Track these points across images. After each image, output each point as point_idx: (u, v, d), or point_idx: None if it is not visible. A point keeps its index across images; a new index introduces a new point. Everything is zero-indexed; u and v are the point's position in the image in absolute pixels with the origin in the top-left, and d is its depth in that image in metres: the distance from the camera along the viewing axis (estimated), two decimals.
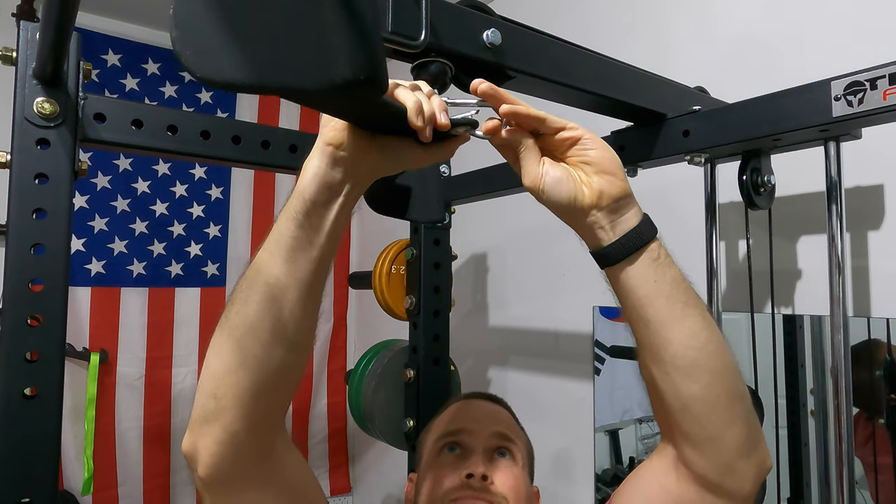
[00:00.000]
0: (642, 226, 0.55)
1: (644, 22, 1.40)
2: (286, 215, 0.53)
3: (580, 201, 0.54)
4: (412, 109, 0.49)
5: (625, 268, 0.55)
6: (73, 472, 1.86)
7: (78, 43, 0.78)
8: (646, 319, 0.54)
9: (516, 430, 0.88)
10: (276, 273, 0.52)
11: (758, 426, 0.56)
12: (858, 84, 0.69)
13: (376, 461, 2.39)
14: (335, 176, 0.52)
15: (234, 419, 0.53)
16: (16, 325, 0.73)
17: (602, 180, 0.54)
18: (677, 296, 0.54)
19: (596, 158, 0.54)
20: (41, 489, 0.73)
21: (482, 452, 0.80)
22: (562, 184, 0.54)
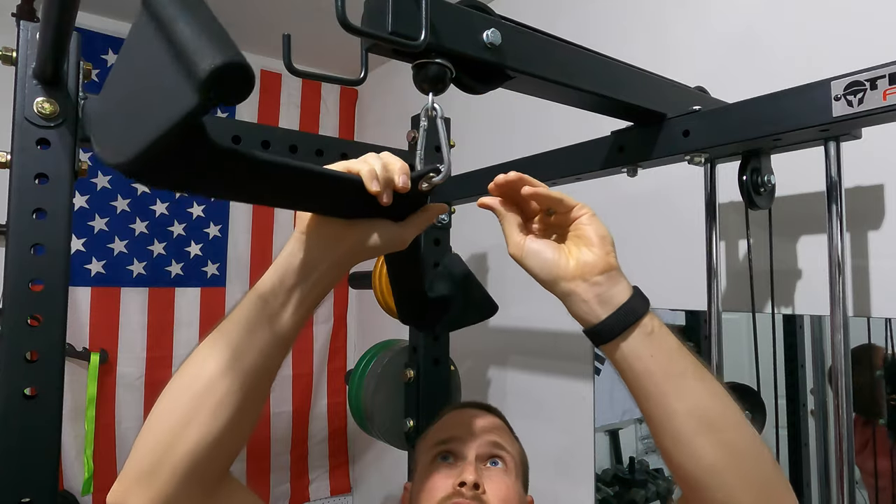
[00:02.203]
0: (632, 301, 0.55)
1: (644, 22, 1.40)
2: (254, 292, 0.55)
3: (562, 270, 0.56)
4: (366, 176, 0.51)
5: (619, 345, 0.54)
6: (73, 472, 1.86)
7: (78, 43, 0.78)
8: (646, 392, 0.54)
9: (509, 440, 0.88)
10: (235, 338, 0.54)
11: (778, 481, 0.54)
12: (858, 84, 0.69)
13: (376, 461, 2.39)
14: (307, 260, 0.55)
15: (174, 483, 0.52)
16: (16, 325, 0.73)
17: (589, 253, 0.56)
18: (676, 368, 0.53)
19: (587, 233, 0.56)
20: (41, 489, 0.73)
21: (474, 461, 0.81)
22: (543, 253, 0.57)
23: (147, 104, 0.37)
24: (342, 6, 0.48)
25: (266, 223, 2.35)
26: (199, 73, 0.33)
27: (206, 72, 0.33)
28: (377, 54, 0.58)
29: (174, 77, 0.35)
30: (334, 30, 0.50)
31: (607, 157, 0.97)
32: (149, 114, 0.37)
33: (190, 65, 0.34)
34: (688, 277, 1.22)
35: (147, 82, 0.37)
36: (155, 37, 0.36)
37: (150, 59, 0.37)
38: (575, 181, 1.08)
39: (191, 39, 0.34)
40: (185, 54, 0.34)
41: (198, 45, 0.34)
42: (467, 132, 1.73)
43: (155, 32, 0.36)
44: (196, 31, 0.35)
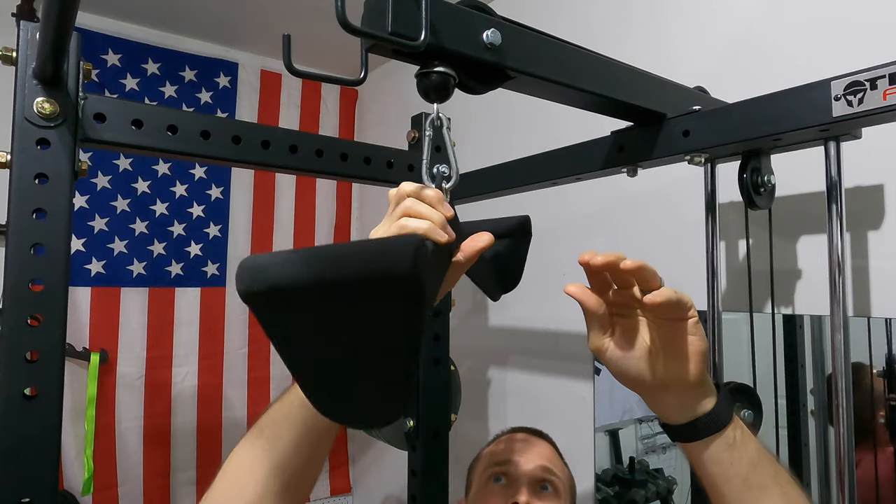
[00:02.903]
0: (716, 411, 0.52)
1: (644, 22, 1.40)
2: (289, 397, 0.56)
3: (647, 381, 0.52)
4: (428, 232, 0.49)
5: (698, 448, 0.52)
6: (73, 472, 1.86)
7: (78, 43, 0.78)
8: (720, 495, 0.52)
9: (559, 465, 0.94)
10: (275, 449, 0.55)
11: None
12: (858, 84, 0.69)
13: (376, 461, 2.39)
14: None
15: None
16: (16, 325, 0.73)
17: (682, 368, 0.51)
18: (754, 479, 0.51)
19: (687, 347, 0.51)
20: (41, 489, 0.73)
21: (527, 484, 0.87)
22: (626, 364, 0.53)
23: (369, 370, 0.39)
24: (342, 6, 0.48)
25: (266, 223, 2.35)
26: None
27: None
28: (377, 54, 0.58)
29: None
30: (334, 30, 0.50)
31: (607, 157, 0.97)
32: (380, 378, 0.39)
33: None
34: (688, 277, 1.22)
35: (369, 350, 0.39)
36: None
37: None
38: (575, 181, 1.09)
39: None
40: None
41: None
42: (467, 132, 1.73)
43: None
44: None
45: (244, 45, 2.30)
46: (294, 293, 0.36)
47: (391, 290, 0.35)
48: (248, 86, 2.33)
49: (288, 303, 0.37)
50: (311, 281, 0.36)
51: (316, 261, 0.36)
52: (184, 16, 2.06)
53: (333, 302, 0.36)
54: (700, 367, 0.51)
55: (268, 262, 0.37)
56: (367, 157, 1.14)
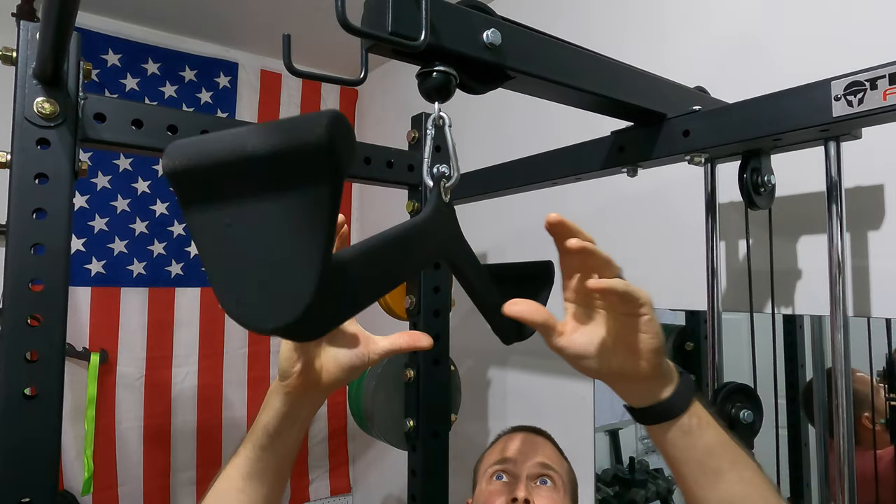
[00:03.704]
0: (671, 401, 0.54)
1: (644, 22, 1.40)
2: (251, 442, 0.58)
3: (602, 373, 0.54)
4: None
5: (656, 431, 0.55)
6: (73, 472, 1.86)
7: (78, 43, 0.78)
8: (680, 475, 0.55)
9: (558, 460, 0.97)
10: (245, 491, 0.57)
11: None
12: (858, 84, 0.69)
13: (376, 461, 2.39)
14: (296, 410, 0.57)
15: None
16: (16, 325, 0.73)
17: (636, 363, 0.52)
18: (710, 464, 0.53)
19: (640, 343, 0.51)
20: (41, 489, 0.73)
21: (526, 480, 0.91)
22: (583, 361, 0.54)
23: (276, 261, 0.37)
24: (342, 6, 0.48)
25: None
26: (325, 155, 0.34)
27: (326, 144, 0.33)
28: (377, 54, 0.58)
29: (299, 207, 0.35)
30: (334, 30, 0.50)
31: (607, 157, 0.97)
32: (285, 268, 0.36)
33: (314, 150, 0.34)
34: (688, 277, 1.22)
35: (264, 237, 0.37)
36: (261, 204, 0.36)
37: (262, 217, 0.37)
38: (575, 181, 1.09)
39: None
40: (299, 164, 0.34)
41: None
42: (467, 132, 1.73)
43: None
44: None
45: (244, 45, 2.30)
46: (211, 167, 0.36)
47: (305, 164, 0.35)
48: (248, 86, 2.34)
49: (206, 176, 0.37)
50: (228, 152, 0.36)
51: (234, 136, 0.36)
52: (184, 16, 2.06)
53: (249, 175, 0.36)
54: (652, 363, 0.52)
55: (191, 140, 0.38)
56: (367, 157, 1.14)
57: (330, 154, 0.34)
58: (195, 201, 0.38)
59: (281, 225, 0.36)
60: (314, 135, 0.34)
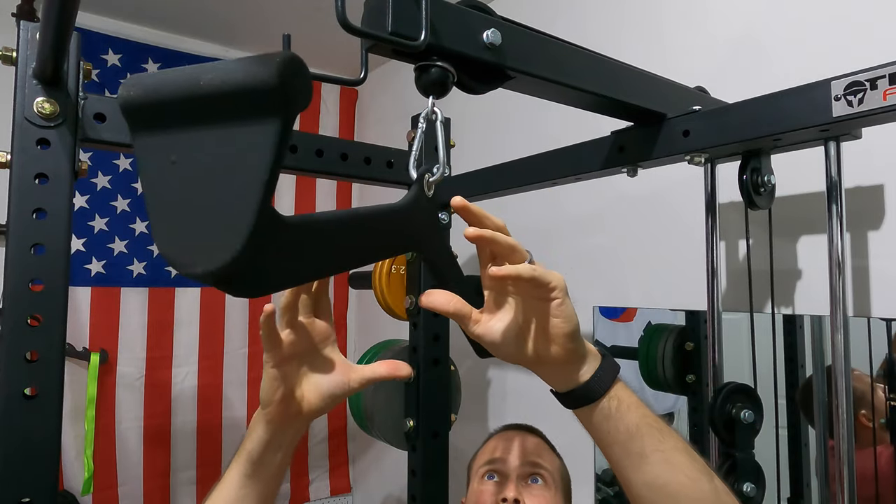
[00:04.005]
0: (589, 385, 0.54)
1: (644, 22, 1.40)
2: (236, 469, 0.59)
3: (521, 359, 0.54)
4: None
5: (579, 415, 0.56)
6: (73, 472, 1.86)
7: (78, 43, 0.78)
8: (607, 458, 0.56)
9: (549, 458, 0.98)
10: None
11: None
12: (858, 84, 0.69)
13: (376, 461, 2.39)
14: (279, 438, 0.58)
15: None
16: (16, 325, 0.73)
17: (550, 348, 0.52)
18: (632, 447, 0.54)
19: (553, 328, 0.51)
20: (41, 489, 0.73)
21: (516, 479, 0.92)
22: (500, 349, 0.54)
23: (214, 203, 0.36)
24: (342, 6, 0.48)
25: None
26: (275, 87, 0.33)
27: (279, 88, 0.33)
28: (377, 54, 0.58)
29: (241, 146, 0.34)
30: (334, 30, 0.50)
31: (607, 157, 0.97)
32: (222, 211, 0.35)
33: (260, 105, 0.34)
34: (688, 277, 1.22)
35: (205, 177, 0.36)
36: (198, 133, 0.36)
37: (199, 155, 0.36)
38: (575, 181, 1.08)
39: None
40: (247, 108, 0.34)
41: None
42: (466, 132, 1.73)
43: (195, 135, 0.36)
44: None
45: (244, 45, 2.30)
46: (166, 100, 0.36)
47: (255, 101, 0.34)
48: None
49: (159, 110, 0.37)
50: (182, 86, 0.35)
51: (191, 69, 0.36)
52: (184, 16, 2.06)
53: (201, 110, 0.36)
54: (566, 348, 0.52)
55: (151, 73, 0.38)
56: (367, 157, 1.14)
57: (280, 91, 0.34)
58: (145, 134, 0.38)
59: (224, 163, 0.35)
60: (267, 71, 0.33)
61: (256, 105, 0.34)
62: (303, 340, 0.58)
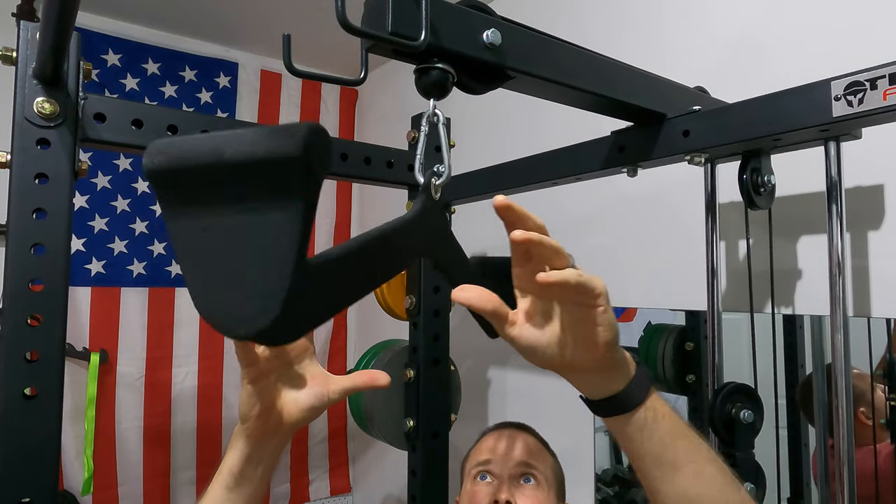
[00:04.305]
0: (624, 395, 0.52)
1: (644, 22, 1.40)
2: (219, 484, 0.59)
3: (554, 365, 0.52)
4: None
5: (611, 423, 0.54)
6: (73, 472, 1.86)
7: (78, 43, 0.78)
8: (638, 469, 0.54)
9: (542, 456, 0.97)
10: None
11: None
12: (858, 84, 0.69)
13: (376, 461, 2.39)
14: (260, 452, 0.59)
15: None
16: (16, 325, 0.73)
17: (587, 355, 0.50)
18: (665, 458, 0.52)
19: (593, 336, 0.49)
20: (41, 489, 0.73)
21: (508, 480, 0.92)
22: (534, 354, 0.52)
23: (247, 269, 0.37)
24: (342, 6, 0.48)
25: None
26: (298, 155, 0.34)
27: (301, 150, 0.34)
28: (377, 54, 0.58)
29: (273, 224, 0.36)
30: (334, 30, 0.50)
31: (607, 157, 0.97)
32: (256, 279, 0.37)
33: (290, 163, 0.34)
34: (688, 277, 1.22)
35: (238, 245, 0.37)
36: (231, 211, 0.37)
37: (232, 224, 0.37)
38: (575, 181, 1.09)
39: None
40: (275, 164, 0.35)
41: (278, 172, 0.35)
42: (467, 132, 1.73)
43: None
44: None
45: (244, 45, 2.30)
46: (190, 169, 0.37)
47: (280, 170, 0.35)
48: (248, 86, 2.34)
49: (185, 179, 0.37)
50: (206, 156, 0.36)
51: (213, 139, 0.37)
52: (184, 16, 2.06)
53: (226, 180, 0.36)
54: (606, 356, 0.50)
55: (174, 140, 0.38)
56: (367, 157, 1.14)
57: (304, 167, 0.35)
58: (173, 202, 0.39)
59: (255, 232, 0.37)
60: (290, 146, 0.34)
61: (282, 178, 0.35)
62: (280, 355, 0.59)
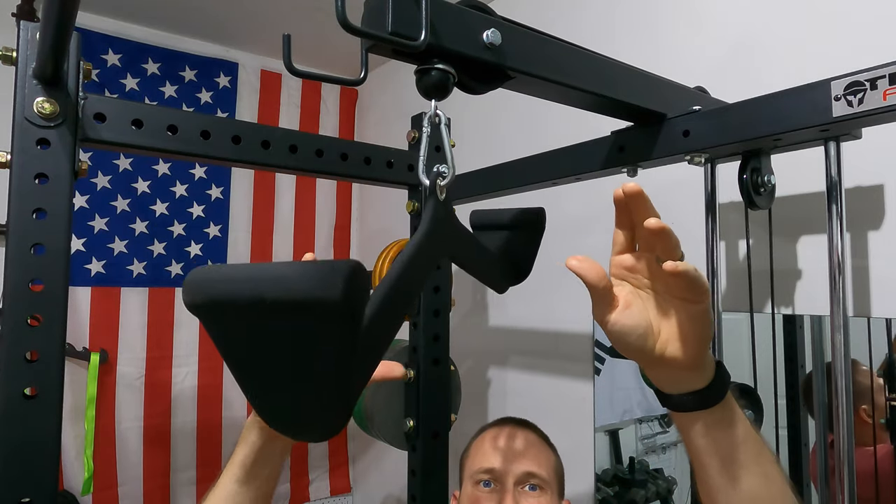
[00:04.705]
0: (708, 390, 0.53)
1: (644, 22, 1.40)
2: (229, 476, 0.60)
3: (645, 356, 0.52)
4: None
5: (685, 420, 0.54)
6: (73, 472, 1.86)
7: (78, 43, 0.78)
8: (703, 465, 0.54)
9: (545, 457, 0.97)
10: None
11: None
12: (858, 84, 0.69)
13: (376, 461, 2.39)
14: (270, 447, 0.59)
15: None
16: (16, 325, 0.73)
17: (680, 350, 0.51)
18: (737, 457, 0.52)
19: (690, 331, 0.50)
20: (41, 489, 0.73)
21: (512, 488, 0.91)
22: (628, 338, 0.52)
23: (311, 387, 0.40)
24: (342, 6, 0.48)
25: (266, 223, 2.34)
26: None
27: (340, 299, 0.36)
28: (377, 54, 0.58)
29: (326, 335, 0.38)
30: (334, 30, 0.50)
31: (607, 157, 0.97)
32: (318, 397, 0.40)
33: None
34: None
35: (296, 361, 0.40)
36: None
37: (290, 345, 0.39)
38: (575, 181, 1.09)
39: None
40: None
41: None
42: (467, 132, 1.73)
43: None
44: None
45: (244, 45, 2.30)
46: (232, 308, 0.39)
47: (322, 314, 0.36)
48: (248, 86, 2.34)
49: (227, 315, 0.40)
50: (247, 299, 0.38)
51: (253, 280, 0.38)
52: (184, 16, 2.06)
53: (269, 318, 0.38)
54: (700, 353, 0.51)
55: (211, 276, 0.40)
56: (367, 157, 1.14)
57: (347, 311, 0.36)
58: (219, 334, 0.41)
59: (305, 363, 0.39)
60: (331, 292, 0.35)
61: (324, 318, 0.37)
62: None
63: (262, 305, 0.37)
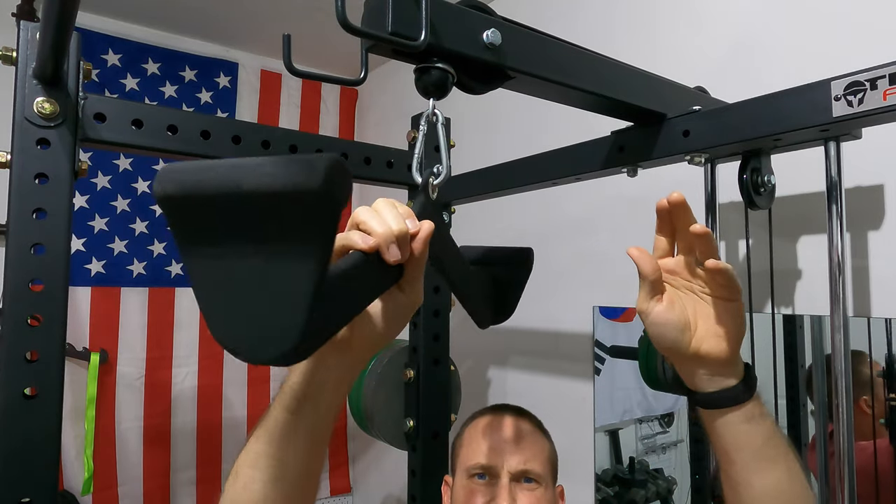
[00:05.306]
0: (739, 388, 0.56)
1: (644, 22, 1.40)
2: (280, 405, 0.53)
3: (681, 351, 0.56)
4: (382, 247, 0.46)
5: (716, 416, 0.56)
6: (73, 472, 1.86)
7: (78, 43, 0.78)
8: (731, 460, 0.56)
9: (540, 448, 0.95)
10: (276, 456, 0.53)
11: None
12: (858, 84, 0.69)
13: (376, 461, 2.39)
14: (323, 374, 0.52)
15: None
16: (16, 325, 0.73)
17: (716, 346, 0.55)
18: (765, 452, 0.55)
19: (727, 328, 0.55)
20: (41, 489, 0.73)
21: (508, 481, 0.90)
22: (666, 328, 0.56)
23: (268, 298, 0.37)
24: (342, 6, 0.48)
25: None
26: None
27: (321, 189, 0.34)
28: (377, 54, 0.58)
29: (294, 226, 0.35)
30: (334, 30, 0.50)
31: (607, 157, 0.97)
32: (276, 308, 0.37)
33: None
34: None
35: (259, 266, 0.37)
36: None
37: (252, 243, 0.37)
38: (575, 181, 1.09)
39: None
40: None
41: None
42: (466, 132, 1.73)
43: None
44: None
45: (244, 45, 2.30)
46: (205, 199, 0.36)
47: (301, 204, 0.35)
48: (248, 86, 2.34)
49: (199, 208, 0.37)
50: (223, 188, 0.36)
51: (231, 168, 0.36)
52: (184, 16, 2.06)
53: (244, 211, 0.36)
54: (735, 349, 0.55)
55: (187, 167, 0.37)
56: (367, 157, 1.14)
57: (326, 201, 0.34)
58: (187, 232, 0.38)
59: (274, 266, 0.37)
60: (311, 179, 0.34)
61: (303, 211, 0.35)
62: None
63: (237, 195, 0.35)
